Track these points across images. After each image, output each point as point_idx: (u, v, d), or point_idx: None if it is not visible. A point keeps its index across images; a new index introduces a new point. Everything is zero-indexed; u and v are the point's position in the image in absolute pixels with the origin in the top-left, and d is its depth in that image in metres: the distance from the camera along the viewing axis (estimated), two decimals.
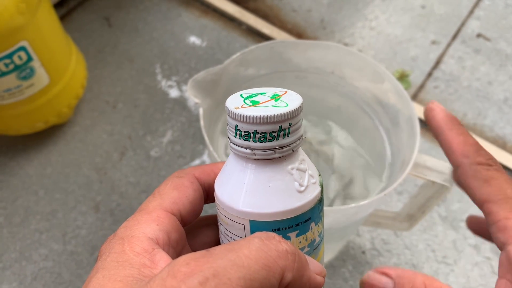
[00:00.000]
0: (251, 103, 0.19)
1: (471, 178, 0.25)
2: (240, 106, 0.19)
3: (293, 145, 0.19)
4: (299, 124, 0.19)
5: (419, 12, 0.70)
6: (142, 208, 0.20)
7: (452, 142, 0.26)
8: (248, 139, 0.19)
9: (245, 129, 0.18)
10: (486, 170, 0.24)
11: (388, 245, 0.50)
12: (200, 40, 0.66)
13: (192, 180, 0.22)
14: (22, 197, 0.52)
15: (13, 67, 0.44)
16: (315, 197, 0.20)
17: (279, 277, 0.17)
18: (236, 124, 0.19)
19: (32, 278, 0.47)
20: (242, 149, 0.19)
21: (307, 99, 0.47)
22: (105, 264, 0.18)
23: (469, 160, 0.25)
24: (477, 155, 0.25)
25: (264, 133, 0.18)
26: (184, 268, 0.16)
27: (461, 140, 0.26)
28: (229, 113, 0.19)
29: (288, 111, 0.18)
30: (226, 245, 0.17)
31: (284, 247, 0.17)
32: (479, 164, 0.25)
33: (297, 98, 0.19)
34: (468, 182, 0.25)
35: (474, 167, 0.25)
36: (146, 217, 0.20)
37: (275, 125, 0.18)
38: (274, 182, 0.19)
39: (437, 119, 0.27)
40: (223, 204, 0.20)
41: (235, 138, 0.19)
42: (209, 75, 0.39)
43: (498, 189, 0.24)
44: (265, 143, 0.19)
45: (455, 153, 0.26)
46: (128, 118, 0.58)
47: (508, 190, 0.23)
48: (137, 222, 0.19)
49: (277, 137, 0.19)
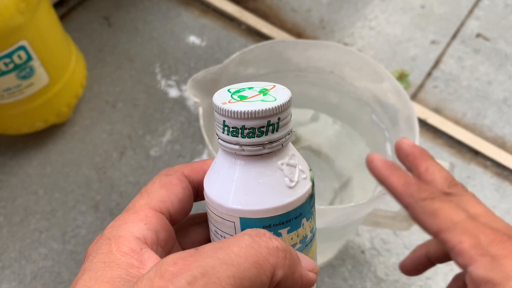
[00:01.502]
0: (239, 98, 0.19)
1: (421, 215, 0.26)
2: (228, 101, 0.18)
3: (282, 140, 0.19)
4: (288, 118, 0.19)
5: (419, 12, 0.70)
6: (130, 208, 0.20)
7: (396, 186, 0.28)
8: (236, 135, 0.18)
9: (233, 124, 0.18)
10: (431, 204, 0.26)
11: (387, 244, 0.50)
12: (200, 40, 0.66)
13: (181, 178, 0.21)
14: (22, 196, 0.52)
15: (12, 67, 0.44)
16: (306, 193, 0.20)
17: (270, 274, 0.16)
18: (224, 119, 0.18)
19: (32, 278, 0.47)
20: (231, 145, 0.19)
21: (306, 98, 0.47)
22: (92, 265, 0.17)
23: (414, 199, 0.27)
24: (420, 192, 0.27)
25: (252, 129, 0.18)
26: (172, 268, 0.15)
27: (402, 182, 0.28)
28: (216, 109, 0.18)
29: (276, 105, 0.18)
30: (215, 243, 0.17)
31: (275, 244, 0.17)
32: (423, 200, 0.26)
33: (286, 92, 0.19)
34: (420, 219, 0.27)
35: (420, 204, 0.26)
36: (133, 217, 0.19)
37: (263, 120, 0.18)
38: (263, 178, 0.19)
39: (377, 169, 0.30)
40: (213, 201, 0.20)
41: (223, 134, 0.19)
42: (209, 74, 0.39)
43: (445, 219, 0.25)
44: (253, 138, 0.18)
45: (402, 196, 0.28)
46: (127, 118, 0.58)
47: (454, 216, 0.25)
48: (124, 222, 0.19)
49: (266, 132, 0.18)
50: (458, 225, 0.25)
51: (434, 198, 0.26)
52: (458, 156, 0.57)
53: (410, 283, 0.48)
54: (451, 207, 0.26)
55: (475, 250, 0.24)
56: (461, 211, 0.25)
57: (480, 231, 0.24)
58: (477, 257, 0.23)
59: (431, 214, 0.26)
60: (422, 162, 0.29)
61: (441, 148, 0.57)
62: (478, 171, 0.55)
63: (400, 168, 0.29)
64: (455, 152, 0.57)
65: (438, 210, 0.26)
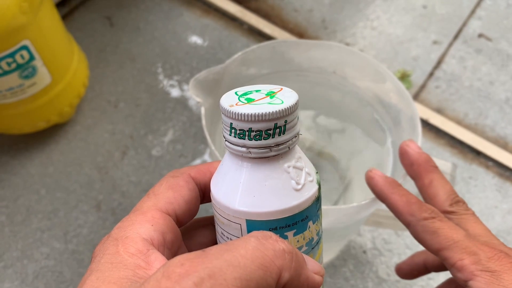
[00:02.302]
0: (246, 101, 0.19)
1: (422, 233, 0.27)
2: (235, 104, 0.18)
3: (289, 143, 0.19)
4: (295, 121, 0.19)
5: (421, 12, 0.70)
6: (137, 209, 0.20)
7: (397, 205, 0.29)
8: (243, 137, 0.18)
9: (240, 127, 0.18)
10: (431, 223, 0.27)
11: (389, 244, 0.50)
12: (202, 40, 0.66)
13: (188, 180, 0.21)
14: (24, 196, 0.52)
15: (15, 66, 0.44)
16: (312, 195, 0.20)
17: (276, 277, 0.16)
18: (231, 122, 0.18)
19: (34, 277, 0.47)
20: (238, 148, 0.19)
21: (308, 98, 0.47)
22: (99, 266, 0.18)
23: (415, 218, 0.28)
24: (421, 211, 0.28)
25: (259, 131, 0.18)
26: (178, 269, 0.15)
27: (404, 201, 0.29)
28: (223, 111, 0.18)
29: (283, 108, 0.18)
30: (222, 245, 0.17)
31: (281, 246, 0.17)
32: (425, 219, 0.27)
33: (293, 95, 0.19)
34: (421, 237, 0.27)
35: (422, 223, 0.27)
36: (140, 218, 0.19)
37: (270, 123, 0.18)
38: (270, 181, 0.19)
39: (378, 186, 0.30)
40: (219, 203, 0.20)
41: (230, 136, 0.19)
42: (211, 74, 0.39)
43: (445, 237, 0.26)
44: (260, 141, 0.18)
45: (403, 214, 0.28)
46: (129, 117, 0.58)
47: (454, 235, 0.26)
48: (132, 223, 0.19)
49: (272, 135, 0.18)
50: (458, 243, 0.26)
51: (435, 218, 0.27)
52: (460, 156, 0.57)
53: (411, 283, 0.48)
54: (451, 227, 0.27)
55: (475, 266, 0.25)
56: (460, 230, 0.27)
57: (479, 249, 0.25)
58: (478, 272, 0.25)
59: (432, 233, 0.27)
60: (426, 174, 0.30)
61: (443, 148, 0.57)
62: (480, 171, 0.55)
63: (400, 185, 0.30)
64: (457, 152, 0.57)
65: (439, 229, 0.27)
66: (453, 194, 0.29)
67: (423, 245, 0.28)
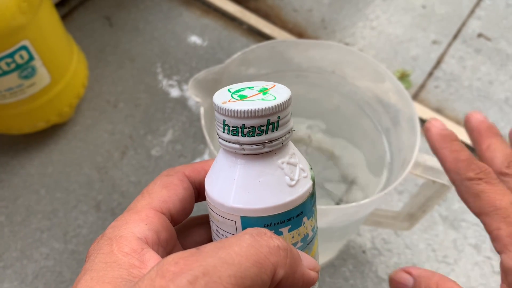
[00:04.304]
0: (239, 97, 0.19)
1: (464, 194, 0.26)
2: (228, 101, 0.18)
3: (282, 139, 0.19)
4: (288, 117, 0.19)
5: (420, 12, 0.70)
6: (131, 208, 0.20)
7: (445, 161, 0.27)
8: (236, 134, 0.18)
9: (233, 123, 0.18)
10: (476, 185, 0.25)
11: (388, 244, 0.50)
12: (201, 40, 0.66)
13: (182, 178, 0.21)
14: (23, 196, 0.52)
15: (14, 66, 0.44)
16: (307, 191, 0.20)
17: (271, 273, 0.16)
18: (224, 119, 0.18)
19: (33, 277, 0.47)
20: (231, 144, 0.19)
21: (308, 98, 0.47)
22: (93, 265, 0.17)
23: (460, 177, 0.26)
24: (467, 171, 0.26)
25: (252, 127, 0.18)
26: (173, 267, 0.15)
27: (452, 158, 0.27)
28: (216, 108, 0.18)
29: (276, 104, 0.18)
30: (216, 243, 0.17)
31: (276, 242, 0.17)
32: (469, 179, 0.26)
33: (286, 91, 0.19)
34: (463, 198, 0.26)
35: (465, 183, 0.26)
36: (134, 217, 0.19)
37: (263, 119, 0.18)
38: (264, 177, 0.19)
39: (432, 138, 0.29)
40: (214, 201, 0.20)
41: (223, 133, 0.19)
42: (210, 74, 0.39)
43: (487, 202, 0.25)
44: (253, 137, 0.18)
45: (449, 171, 0.27)
46: (129, 118, 0.58)
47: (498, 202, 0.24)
48: (126, 222, 0.19)
49: (265, 131, 0.18)
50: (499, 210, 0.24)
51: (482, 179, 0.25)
52: None
53: None
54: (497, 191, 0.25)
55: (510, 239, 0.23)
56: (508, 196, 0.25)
57: None
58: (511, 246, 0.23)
59: (475, 195, 0.25)
60: (485, 140, 0.28)
61: None
62: None
63: (456, 140, 0.28)
64: None
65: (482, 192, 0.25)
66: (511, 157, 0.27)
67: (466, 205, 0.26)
